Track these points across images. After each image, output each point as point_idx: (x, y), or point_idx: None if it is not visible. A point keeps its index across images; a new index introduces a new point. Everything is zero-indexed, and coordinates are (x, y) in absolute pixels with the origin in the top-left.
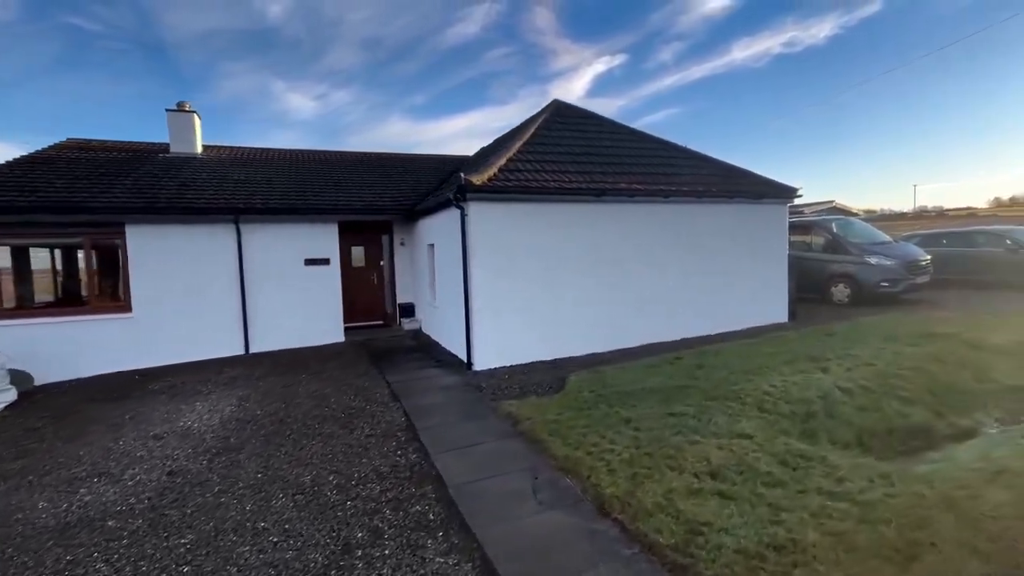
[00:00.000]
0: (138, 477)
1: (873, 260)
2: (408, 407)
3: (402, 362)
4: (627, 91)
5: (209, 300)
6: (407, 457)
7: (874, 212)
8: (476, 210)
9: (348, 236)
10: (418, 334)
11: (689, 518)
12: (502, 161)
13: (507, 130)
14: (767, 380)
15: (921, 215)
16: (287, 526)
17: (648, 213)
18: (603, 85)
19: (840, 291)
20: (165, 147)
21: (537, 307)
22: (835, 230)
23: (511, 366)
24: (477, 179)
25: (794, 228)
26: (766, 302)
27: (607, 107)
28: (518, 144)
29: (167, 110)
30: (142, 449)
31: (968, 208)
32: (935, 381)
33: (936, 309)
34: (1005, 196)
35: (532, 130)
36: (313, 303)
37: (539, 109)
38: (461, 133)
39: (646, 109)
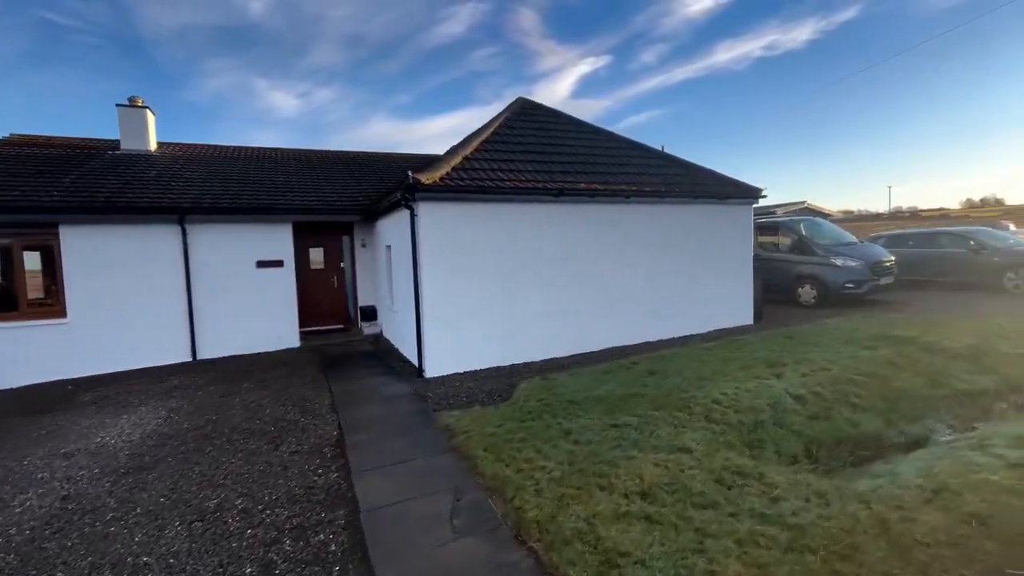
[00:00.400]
0: (29, 503)
1: (838, 261)
2: (344, 419)
3: (354, 369)
4: (611, 92)
5: (153, 304)
6: (327, 477)
7: (851, 212)
8: (427, 211)
9: (307, 237)
10: (378, 339)
11: (608, 547)
12: (457, 160)
13: None
14: (719, 387)
15: (896, 215)
16: (172, 560)
17: (611, 214)
18: (588, 86)
19: (807, 292)
20: (116, 144)
21: (494, 311)
22: (802, 231)
23: (465, 373)
24: (427, 178)
25: (763, 229)
26: (731, 304)
27: (592, 108)
28: (476, 142)
29: (117, 105)
30: (45, 470)
31: (941, 209)
32: (889, 387)
33: (899, 311)
34: (977, 197)
35: (492, 128)
36: (266, 307)
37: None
38: (446, 133)
39: (630, 110)
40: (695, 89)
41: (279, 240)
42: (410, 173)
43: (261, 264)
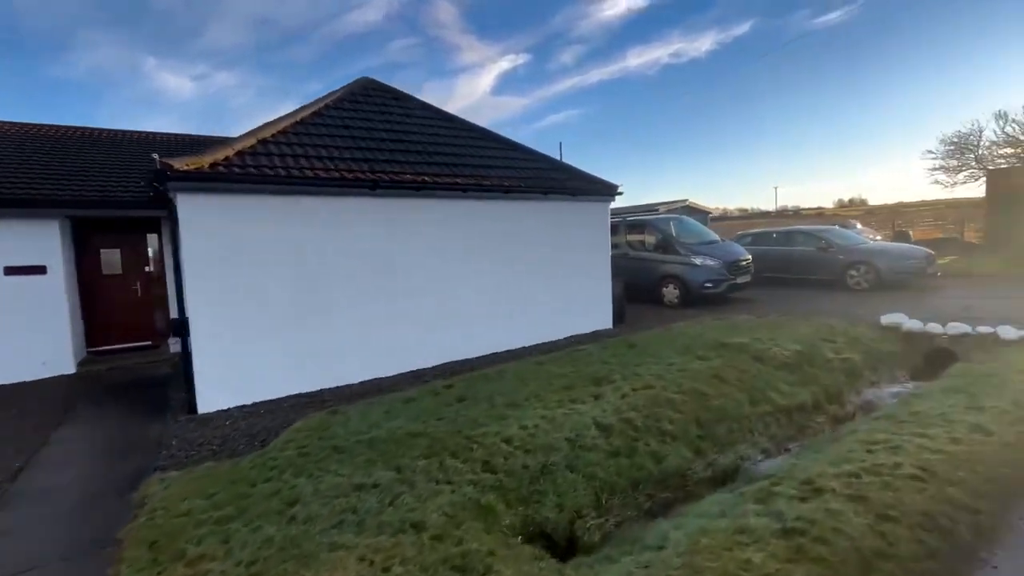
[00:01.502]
0: None
1: (698, 260)
2: (14, 491)
3: (116, 404)
4: (531, 91)
5: None
6: None
7: (746, 211)
8: (191, 206)
9: (96, 236)
10: None
11: None
12: (249, 142)
13: None
14: (524, 417)
15: (782, 214)
16: None
17: (450, 211)
18: (508, 84)
19: (670, 292)
20: None
21: (294, 329)
22: (665, 229)
23: (253, 405)
24: (189, 163)
25: (631, 228)
26: (589, 307)
27: (512, 106)
28: (286, 123)
29: None
30: None
31: (819, 208)
32: (707, 407)
33: (750, 310)
34: (847, 198)
35: (315, 108)
36: (17, 326)
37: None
38: None
39: (549, 110)
40: (610, 91)
41: (42, 240)
42: (156, 156)
43: (11, 271)
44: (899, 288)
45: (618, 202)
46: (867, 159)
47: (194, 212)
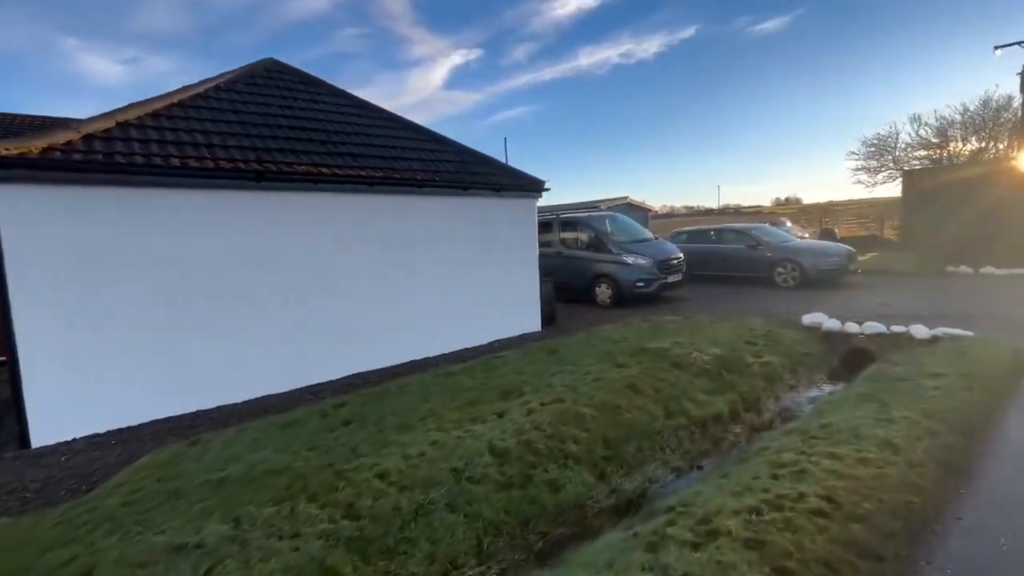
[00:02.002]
0: None
1: (630, 259)
2: None
3: None
4: (483, 87)
5: None
6: None
7: (692, 208)
8: (16, 200)
9: None
10: None
11: None
12: (104, 124)
13: None
14: (410, 444)
15: (724, 211)
16: None
17: (355, 207)
18: (460, 79)
19: (603, 292)
20: None
21: (162, 341)
22: (598, 227)
23: (109, 432)
24: (11, 148)
25: (564, 225)
26: (514, 310)
27: (464, 101)
28: (159, 105)
29: None
30: None
31: (758, 206)
32: (618, 422)
33: (679, 310)
34: (783, 197)
35: (200, 90)
36: None
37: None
38: None
39: (502, 106)
40: (562, 89)
41: None
42: None
43: None
44: (823, 285)
45: (561, 199)
46: (803, 159)
47: (20, 207)
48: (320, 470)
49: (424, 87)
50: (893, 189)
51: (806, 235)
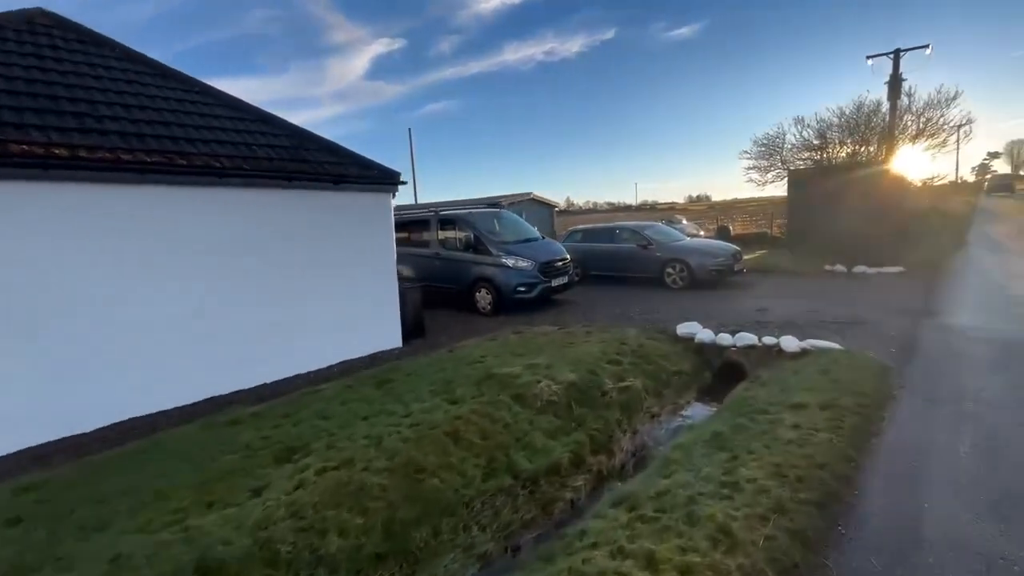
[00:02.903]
0: None
1: (510, 262)
2: None
3: None
4: (408, 79)
5: None
6: None
7: (613, 204)
8: None
9: None
10: None
11: None
12: None
13: (279, 103)
14: (81, 560)
15: (642, 207)
16: None
17: (131, 201)
18: (383, 69)
19: (483, 298)
20: None
21: None
22: (479, 225)
23: None
24: None
25: (444, 223)
26: (364, 324)
27: (388, 92)
28: None
29: None
30: None
31: (672, 203)
32: (416, 493)
33: (561, 317)
34: (695, 194)
35: None
36: None
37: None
38: None
39: (428, 98)
40: (489, 84)
41: None
42: None
43: None
44: (710, 285)
45: (460, 195)
46: (714, 159)
47: None
48: None
49: (344, 76)
50: (782, 188)
51: (701, 233)
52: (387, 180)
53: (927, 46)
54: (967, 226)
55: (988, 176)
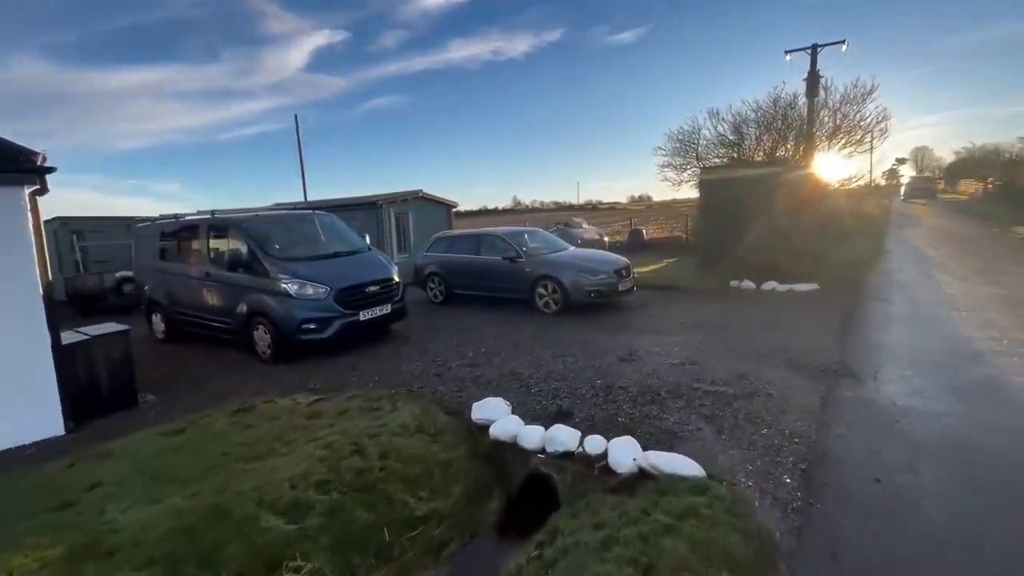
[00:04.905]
0: None
1: (292, 287)
2: None
3: None
4: (350, 73)
5: None
6: None
7: (560, 203)
8: None
9: None
10: None
11: None
12: None
13: (210, 93)
14: None
15: (585, 207)
16: None
17: None
18: (324, 61)
19: (262, 338)
20: None
21: None
22: (257, 233)
23: None
24: None
25: (216, 231)
26: None
27: (330, 85)
28: None
29: None
30: None
31: (614, 203)
32: None
33: (358, 366)
34: (637, 194)
35: None
36: None
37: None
38: (150, 88)
39: (373, 92)
40: (434, 81)
41: None
42: None
43: None
44: (589, 309)
45: (323, 194)
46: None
47: None
48: None
49: (281, 68)
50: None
51: (606, 239)
52: (10, 164)
53: (843, 42)
54: (884, 232)
55: (902, 179)
